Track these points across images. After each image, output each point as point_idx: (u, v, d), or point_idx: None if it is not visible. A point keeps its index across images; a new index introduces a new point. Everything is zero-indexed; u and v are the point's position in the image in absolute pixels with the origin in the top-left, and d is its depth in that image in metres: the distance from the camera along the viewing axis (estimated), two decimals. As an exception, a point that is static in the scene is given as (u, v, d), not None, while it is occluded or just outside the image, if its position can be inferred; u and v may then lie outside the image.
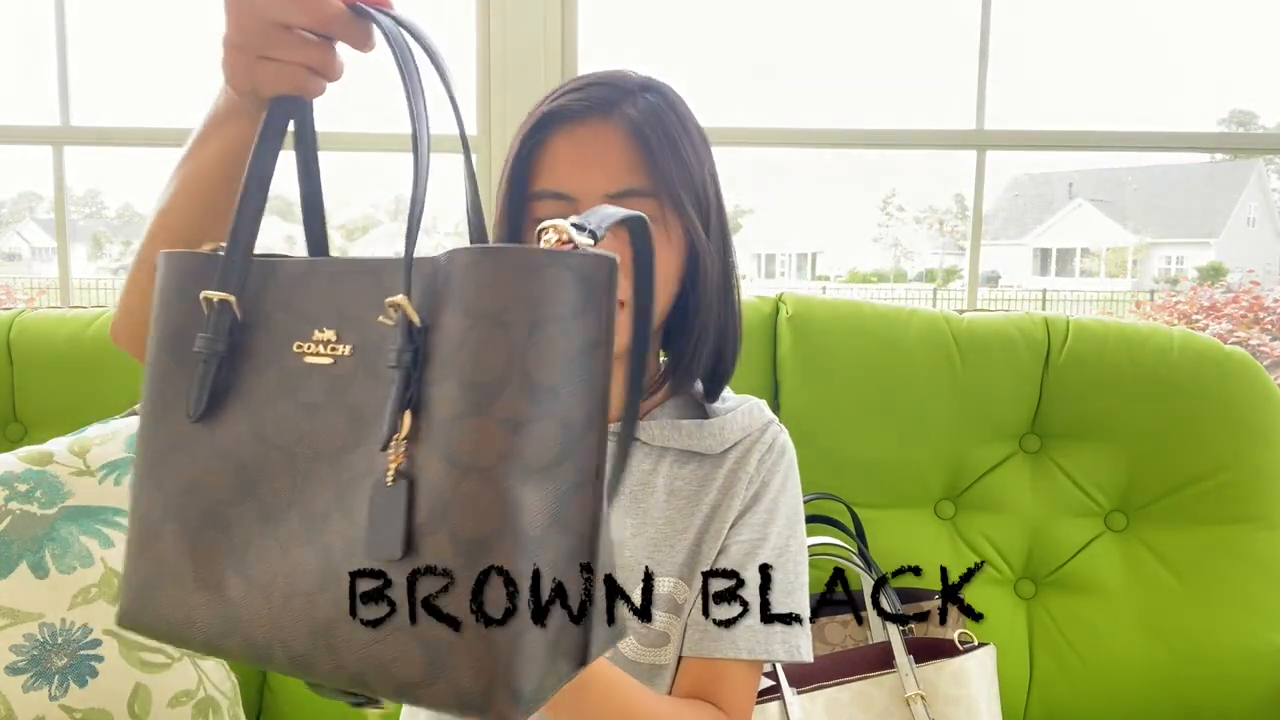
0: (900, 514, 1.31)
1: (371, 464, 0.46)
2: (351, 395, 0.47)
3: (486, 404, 0.42)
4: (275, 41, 0.54)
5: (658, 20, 5.78)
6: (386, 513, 0.44)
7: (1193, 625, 1.25)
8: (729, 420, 0.87)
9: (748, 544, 0.85)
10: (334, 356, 0.48)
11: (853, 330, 1.31)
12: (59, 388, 1.32)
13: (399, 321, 0.45)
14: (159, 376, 0.55)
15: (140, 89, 12.74)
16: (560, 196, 0.78)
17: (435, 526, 0.43)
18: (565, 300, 0.43)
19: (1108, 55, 15.73)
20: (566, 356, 0.43)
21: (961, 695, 1.05)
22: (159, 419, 0.54)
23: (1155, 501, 1.30)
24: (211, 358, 0.52)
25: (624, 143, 0.78)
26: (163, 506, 0.53)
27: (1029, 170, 23.60)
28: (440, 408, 0.43)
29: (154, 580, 0.53)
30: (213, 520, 0.52)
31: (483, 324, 0.43)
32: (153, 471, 0.54)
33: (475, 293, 0.43)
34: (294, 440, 0.49)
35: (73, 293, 1.74)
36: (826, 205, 23.17)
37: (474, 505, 0.42)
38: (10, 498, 1.11)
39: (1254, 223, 20.53)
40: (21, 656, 1.07)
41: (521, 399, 0.42)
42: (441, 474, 0.43)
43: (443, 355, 0.44)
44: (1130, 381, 1.28)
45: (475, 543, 0.42)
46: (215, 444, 0.52)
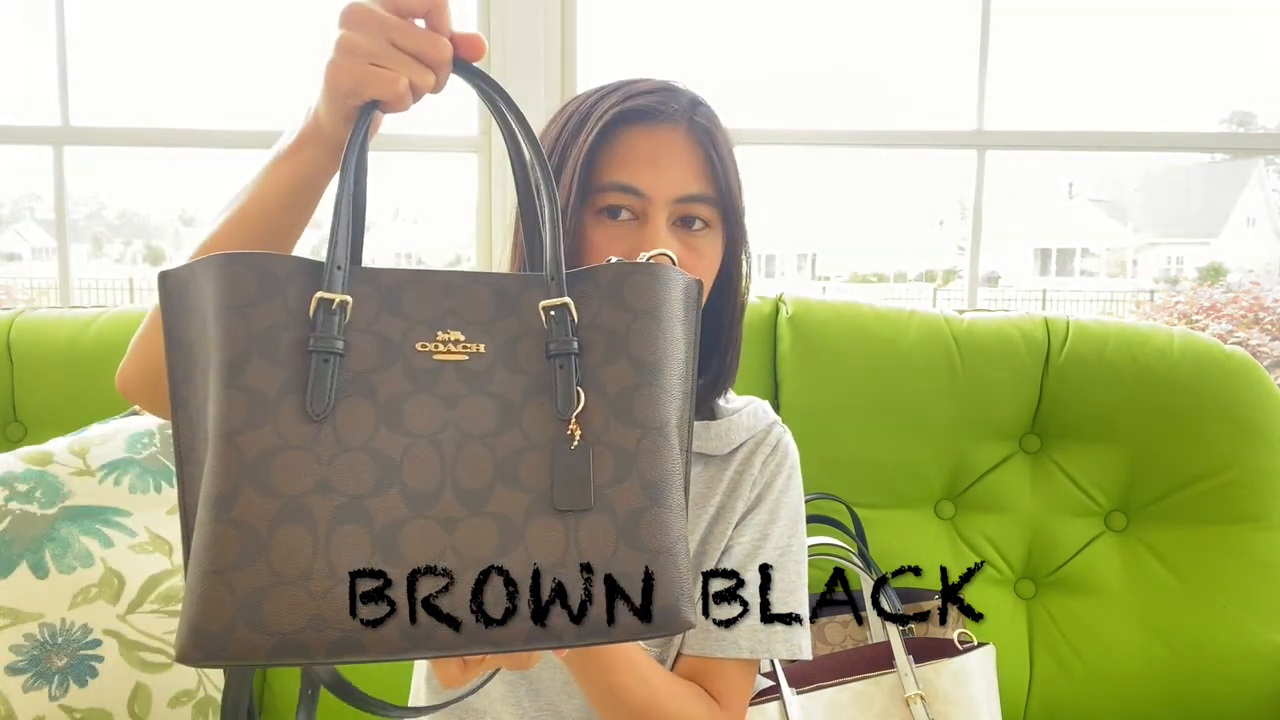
0: (900, 514, 1.31)
1: (534, 438, 0.55)
2: (493, 386, 0.55)
3: (656, 375, 0.56)
4: (390, 56, 0.58)
5: (658, 20, 5.82)
6: (573, 471, 0.54)
7: (1193, 625, 1.25)
8: (735, 422, 0.89)
9: (750, 544, 0.86)
10: (468, 354, 0.55)
11: (853, 330, 1.31)
12: (59, 388, 1.32)
13: (558, 320, 0.56)
14: (253, 377, 0.52)
15: (140, 89, 12.74)
16: (630, 190, 0.79)
17: (623, 476, 0.54)
18: (681, 304, 0.59)
19: (1108, 55, 15.73)
20: (687, 345, 0.59)
21: (961, 695, 1.05)
22: (258, 421, 0.52)
23: (1155, 501, 1.30)
24: (332, 356, 0.53)
25: (696, 149, 0.81)
26: (276, 511, 0.51)
27: (1029, 170, 23.57)
28: (614, 382, 0.55)
29: (263, 592, 0.50)
30: (350, 514, 0.52)
31: (643, 318, 0.56)
32: (255, 477, 0.51)
33: (634, 294, 0.57)
34: (439, 428, 0.54)
35: (73, 293, 1.74)
36: (826, 205, 23.14)
37: (655, 455, 0.55)
38: (10, 498, 1.11)
39: (1254, 223, 20.49)
40: (21, 656, 1.07)
41: (673, 373, 0.57)
42: (622, 435, 0.55)
43: (607, 343, 0.56)
44: (1130, 381, 1.28)
45: (660, 484, 0.55)
46: (344, 440, 0.53)
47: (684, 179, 0.80)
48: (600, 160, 0.80)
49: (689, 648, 0.84)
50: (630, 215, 0.80)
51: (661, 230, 0.80)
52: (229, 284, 0.53)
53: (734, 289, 0.87)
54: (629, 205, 0.80)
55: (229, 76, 5.76)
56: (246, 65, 4.78)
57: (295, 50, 1.97)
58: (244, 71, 5.35)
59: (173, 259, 5.80)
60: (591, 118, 0.81)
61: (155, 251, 20.28)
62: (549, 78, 1.55)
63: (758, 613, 0.83)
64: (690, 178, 0.80)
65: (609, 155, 0.80)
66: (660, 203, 0.79)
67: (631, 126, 0.81)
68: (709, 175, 0.81)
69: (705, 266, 0.82)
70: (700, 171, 0.81)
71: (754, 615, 0.83)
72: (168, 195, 17.04)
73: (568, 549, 0.53)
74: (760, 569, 0.85)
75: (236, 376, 0.52)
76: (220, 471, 0.51)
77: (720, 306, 0.87)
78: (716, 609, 0.83)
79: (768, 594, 0.84)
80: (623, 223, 0.80)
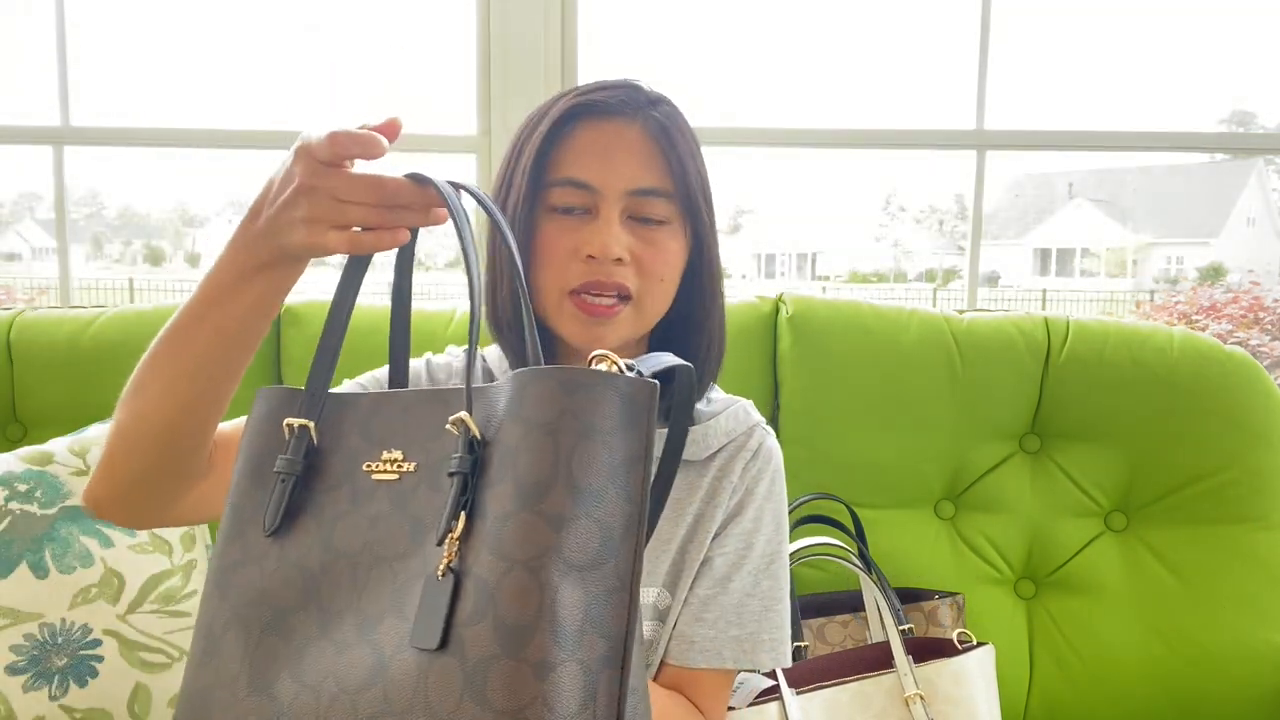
0: (900, 514, 1.31)
1: (426, 565, 0.50)
2: (413, 507, 0.52)
3: (535, 501, 0.47)
4: (346, 214, 0.59)
5: (658, 20, 5.80)
6: (433, 604, 0.48)
7: (1193, 625, 1.25)
8: (712, 426, 0.86)
9: (733, 554, 0.83)
10: (399, 473, 0.53)
11: (853, 330, 1.31)
12: (59, 388, 1.32)
13: (461, 434, 0.50)
14: (239, 497, 0.59)
15: (140, 89, 12.79)
16: (581, 185, 0.79)
17: (480, 616, 0.46)
18: (610, 415, 0.48)
19: (1108, 55, 15.77)
20: (609, 465, 0.48)
21: (960, 695, 1.05)
22: (234, 536, 0.58)
23: (1155, 501, 1.30)
24: (289, 477, 0.57)
25: (649, 143, 0.80)
26: (226, 618, 0.56)
27: (1029, 170, 23.58)
28: (493, 506, 0.48)
29: (209, 689, 0.55)
30: (276, 627, 0.54)
31: (535, 431, 0.48)
32: (219, 585, 0.57)
33: (532, 404, 0.49)
34: (359, 549, 0.53)
35: (73, 293, 1.74)
36: (826, 205, 23.16)
37: (518, 594, 0.46)
38: (10, 498, 1.11)
39: (1254, 223, 20.50)
40: (21, 656, 1.07)
41: (566, 497, 0.47)
42: (489, 567, 0.47)
43: (499, 462, 0.49)
44: (1130, 381, 1.28)
45: (517, 630, 0.45)
46: (285, 556, 0.56)
47: (636, 173, 0.79)
48: (551, 157, 0.80)
49: (672, 657, 0.82)
50: (582, 211, 0.79)
51: (613, 224, 0.78)
52: (254, 414, 0.62)
53: (707, 287, 0.84)
54: (580, 201, 0.79)
55: (229, 76, 5.77)
56: (246, 65, 4.78)
57: (295, 50, 1.98)
58: (243, 71, 5.36)
59: (171, 259, 5.77)
60: (546, 117, 0.80)
61: (155, 251, 20.27)
62: (549, 78, 1.55)
63: (743, 624, 0.81)
64: (643, 171, 0.79)
65: (560, 152, 0.80)
66: (611, 197, 0.78)
67: (583, 122, 0.80)
68: (665, 170, 0.80)
69: (664, 261, 0.80)
70: (655, 166, 0.79)
71: (739, 626, 0.81)
72: (167, 195, 17.01)
73: (415, 694, 0.47)
74: (745, 580, 0.82)
75: (233, 494, 0.60)
76: (206, 581, 0.60)
77: (691, 304, 0.85)
78: (701, 621, 0.81)
79: (752, 604, 0.82)
80: (575, 218, 0.79)
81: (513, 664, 0.45)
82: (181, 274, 20.80)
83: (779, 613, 0.83)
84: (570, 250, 0.78)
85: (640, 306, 0.81)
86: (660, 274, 0.81)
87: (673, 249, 0.81)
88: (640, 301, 0.80)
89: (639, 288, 0.80)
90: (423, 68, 1.34)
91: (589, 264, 0.78)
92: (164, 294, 9.48)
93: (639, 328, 0.82)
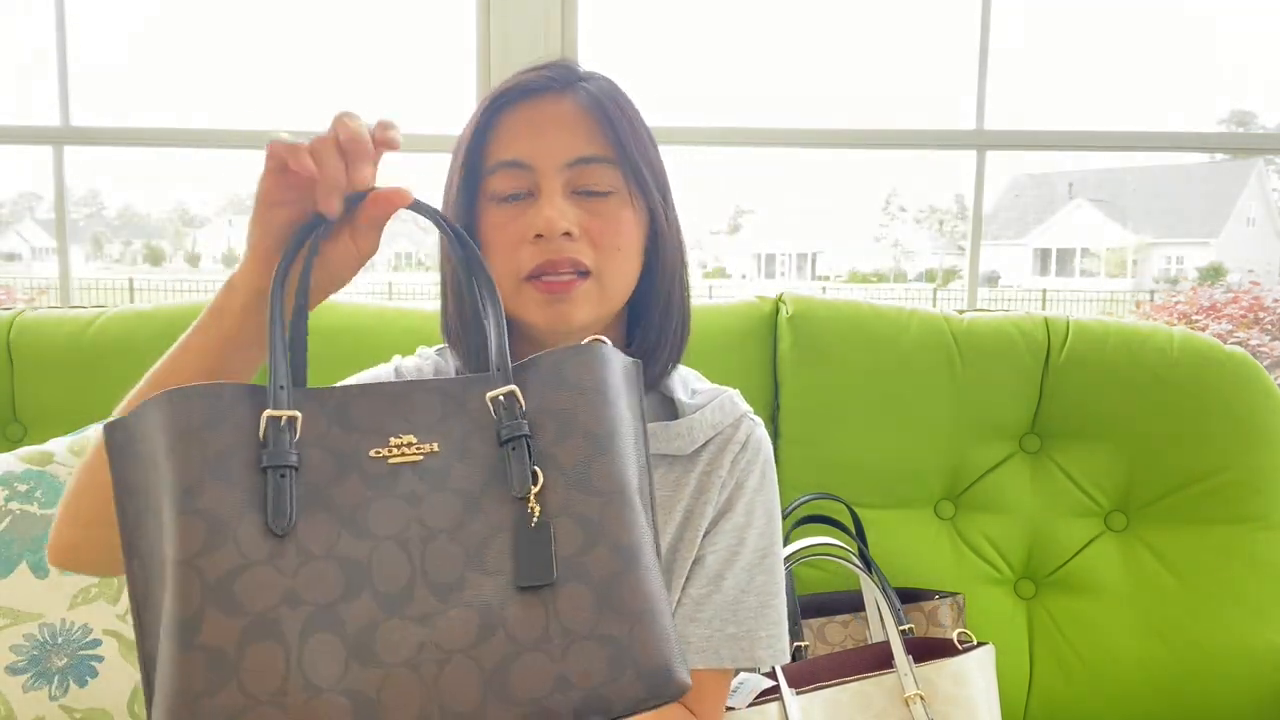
0: (900, 514, 1.31)
1: (496, 524, 0.55)
2: (453, 481, 0.56)
3: (607, 446, 0.57)
4: (301, 159, 0.59)
5: (658, 21, 5.77)
6: (534, 549, 0.54)
7: (1193, 625, 1.25)
8: (697, 420, 0.83)
9: (725, 551, 0.81)
10: (423, 454, 0.57)
11: (853, 330, 1.31)
12: (59, 388, 1.32)
13: (507, 406, 0.57)
14: (209, 500, 0.53)
15: (140, 89, 12.79)
16: (517, 165, 0.77)
17: (593, 543, 0.55)
18: (624, 381, 0.62)
19: (1108, 56, 15.75)
20: (633, 419, 0.61)
21: (961, 695, 1.05)
22: (216, 544, 0.52)
23: (1155, 501, 1.30)
24: (287, 470, 0.54)
25: (583, 113, 0.78)
26: (244, 630, 0.50)
27: (1029, 170, 23.60)
28: (569, 458, 0.57)
29: (244, 711, 0.50)
30: (321, 622, 0.52)
31: (590, 393, 0.58)
32: (219, 598, 0.51)
33: (576, 374, 0.59)
34: (401, 527, 0.55)
35: (73, 293, 1.74)
36: (826, 205, 23.20)
37: (621, 519, 0.56)
38: (10, 498, 1.11)
39: (1254, 223, 20.53)
40: (21, 656, 1.08)
41: (626, 443, 0.58)
42: (587, 504, 0.56)
43: (559, 422, 0.57)
44: (1130, 381, 1.28)
45: (630, 548, 0.55)
46: (306, 549, 0.53)
47: (571, 143, 0.77)
48: (487, 145, 0.78)
49: None
50: (525, 195, 0.77)
51: (555, 198, 0.76)
52: (178, 415, 0.55)
53: (666, 255, 0.82)
54: (519, 184, 0.77)
55: (228, 76, 5.77)
56: (246, 65, 4.78)
57: (295, 51, 1.97)
58: (243, 71, 5.36)
59: (171, 259, 5.54)
60: (477, 109, 0.80)
61: (155, 251, 20.25)
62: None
63: (739, 622, 0.80)
64: (579, 141, 0.77)
65: (492, 140, 0.78)
66: (549, 171, 0.76)
67: (512, 105, 0.79)
68: (602, 137, 0.77)
69: (616, 230, 0.78)
70: (591, 133, 0.77)
71: (735, 624, 0.80)
72: (167, 195, 16.97)
73: (548, 622, 0.53)
74: (739, 576, 0.81)
75: (193, 501, 0.53)
76: (181, 598, 0.51)
77: (653, 271, 0.82)
78: (695, 620, 0.79)
79: (747, 601, 0.81)
80: (518, 204, 0.77)
81: (635, 574, 0.54)
82: (181, 274, 20.81)
83: (775, 608, 0.82)
84: (518, 235, 0.76)
85: (601, 281, 0.78)
86: (615, 244, 0.78)
87: (625, 218, 0.78)
88: (600, 275, 0.78)
89: (596, 261, 0.77)
90: (422, 68, 1.34)
91: (539, 245, 0.76)
92: (164, 294, 9.49)
93: (604, 304, 0.79)
